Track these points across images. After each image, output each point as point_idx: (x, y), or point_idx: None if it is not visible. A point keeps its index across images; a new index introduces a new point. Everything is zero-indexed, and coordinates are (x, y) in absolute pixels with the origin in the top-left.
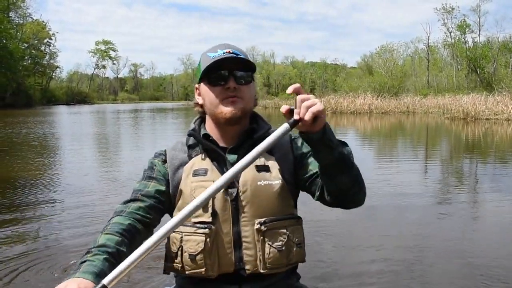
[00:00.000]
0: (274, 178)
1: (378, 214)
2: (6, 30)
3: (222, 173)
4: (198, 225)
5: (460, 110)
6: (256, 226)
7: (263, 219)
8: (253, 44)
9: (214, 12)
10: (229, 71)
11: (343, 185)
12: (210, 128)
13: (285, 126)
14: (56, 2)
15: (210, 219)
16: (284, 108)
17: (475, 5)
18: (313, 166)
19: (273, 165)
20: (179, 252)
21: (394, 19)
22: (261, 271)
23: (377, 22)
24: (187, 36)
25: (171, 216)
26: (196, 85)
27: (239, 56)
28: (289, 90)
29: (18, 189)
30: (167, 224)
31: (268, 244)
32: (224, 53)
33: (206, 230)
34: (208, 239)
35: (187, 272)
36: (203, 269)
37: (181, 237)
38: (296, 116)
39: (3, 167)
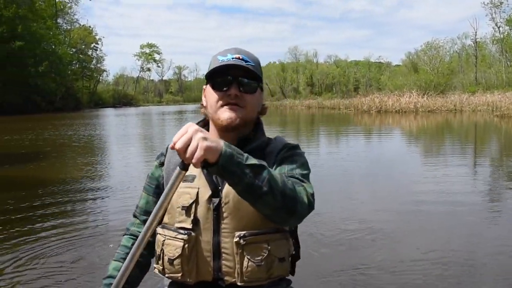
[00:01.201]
0: None
1: (425, 215)
2: (55, 36)
3: (211, 180)
4: (179, 230)
5: (511, 107)
6: (236, 239)
7: (243, 233)
8: (297, 43)
9: (258, 13)
10: (234, 77)
11: (262, 211)
12: (211, 132)
13: (177, 170)
14: (101, 8)
15: (190, 226)
16: (177, 148)
17: None
18: None
19: None
20: (161, 255)
21: (440, 15)
22: (239, 283)
23: (423, 19)
24: (230, 37)
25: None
26: (204, 86)
27: (248, 63)
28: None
29: (61, 186)
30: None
31: (247, 257)
32: (233, 58)
33: (185, 237)
34: (186, 245)
35: (166, 275)
36: (180, 274)
37: (164, 240)
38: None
39: (42, 167)
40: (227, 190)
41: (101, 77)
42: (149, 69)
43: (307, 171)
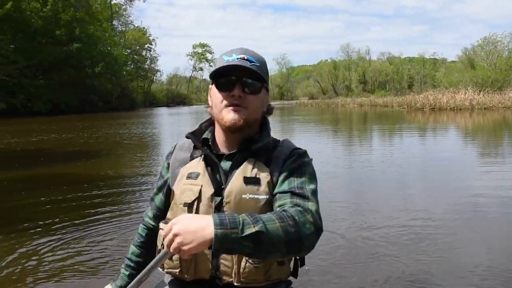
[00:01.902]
0: (262, 193)
1: (484, 216)
2: (111, 37)
3: (214, 179)
4: None
5: None
6: None
7: None
8: (349, 41)
9: (310, 11)
10: (238, 78)
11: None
12: (217, 131)
13: (165, 250)
14: (155, 9)
15: None
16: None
17: None
18: (281, 188)
19: (265, 178)
20: (161, 249)
21: (498, 8)
22: (235, 284)
23: (480, 13)
24: (282, 36)
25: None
26: (210, 86)
27: (252, 64)
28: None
29: (109, 180)
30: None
31: (245, 258)
32: (238, 58)
33: None
34: None
35: (165, 270)
36: (178, 270)
37: None
38: None
39: (92, 163)
40: (230, 189)
41: (155, 77)
42: (201, 69)
43: (315, 185)
